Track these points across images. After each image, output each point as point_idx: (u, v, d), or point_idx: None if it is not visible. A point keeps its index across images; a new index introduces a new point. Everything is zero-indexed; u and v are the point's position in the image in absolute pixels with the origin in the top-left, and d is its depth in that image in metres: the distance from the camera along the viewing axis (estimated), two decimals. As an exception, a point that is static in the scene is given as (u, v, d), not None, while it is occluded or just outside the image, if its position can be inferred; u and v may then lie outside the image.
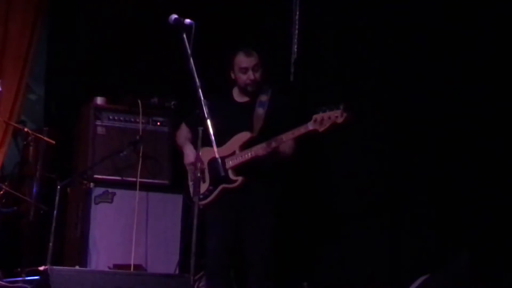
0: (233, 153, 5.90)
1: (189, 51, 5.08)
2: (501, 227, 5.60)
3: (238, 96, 6.09)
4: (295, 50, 6.92)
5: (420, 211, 6.09)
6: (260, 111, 5.97)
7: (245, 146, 5.90)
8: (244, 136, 5.92)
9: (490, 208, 5.67)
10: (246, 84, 6.00)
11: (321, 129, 5.58)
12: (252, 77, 5.97)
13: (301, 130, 5.66)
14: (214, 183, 5.97)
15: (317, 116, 5.58)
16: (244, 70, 5.98)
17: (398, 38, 6.30)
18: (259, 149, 5.81)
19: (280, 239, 6.11)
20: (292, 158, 5.90)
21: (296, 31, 6.93)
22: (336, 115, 5.51)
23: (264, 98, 6.00)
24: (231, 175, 5.91)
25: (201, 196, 6.01)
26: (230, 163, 5.90)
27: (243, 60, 6.00)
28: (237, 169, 5.89)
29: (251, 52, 6.00)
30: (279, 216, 6.03)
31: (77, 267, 6.86)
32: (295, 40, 6.92)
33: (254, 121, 5.95)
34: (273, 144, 5.77)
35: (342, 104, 5.51)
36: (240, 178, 5.89)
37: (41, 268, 6.40)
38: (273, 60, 6.82)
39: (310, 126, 5.62)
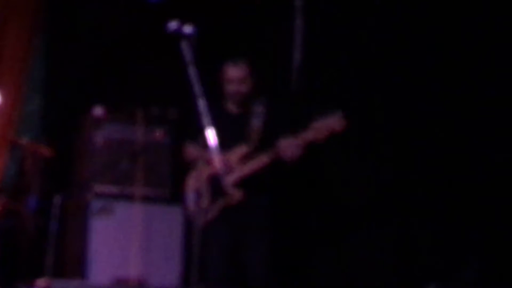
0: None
1: (189, 59, 5.02)
2: (510, 236, 5.56)
3: (230, 107, 6.02)
4: (297, 57, 6.89)
5: (428, 219, 6.06)
6: (256, 122, 5.92)
7: (243, 160, 5.82)
8: (242, 150, 5.84)
9: (499, 216, 5.63)
10: (231, 95, 5.94)
11: (320, 137, 5.54)
12: (235, 88, 5.90)
13: (300, 138, 5.61)
14: (213, 199, 5.90)
15: (316, 124, 5.54)
16: (230, 81, 5.92)
17: (400, 45, 6.28)
18: (258, 161, 5.75)
19: (282, 247, 6.07)
20: (295, 163, 5.82)
21: (298, 38, 6.89)
22: (334, 123, 5.47)
23: (259, 109, 5.96)
24: (230, 190, 5.84)
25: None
26: (229, 178, 5.82)
27: (229, 70, 5.94)
28: (237, 184, 5.81)
29: (238, 63, 5.93)
30: (279, 227, 5.96)
31: (77, 281, 6.83)
32: (297, 47, 6.89)
33: (251, 133, 5.89)
34: (274, 154, 5.71)
35: (339, 112, 5.47)
36: (239, 193, 5.82)
37: (41, 281, 6.38)
38: (275, 67, 6.80)
39: (310, 134, 5.57)
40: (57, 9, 7.96)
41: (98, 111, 7.32)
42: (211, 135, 5.08)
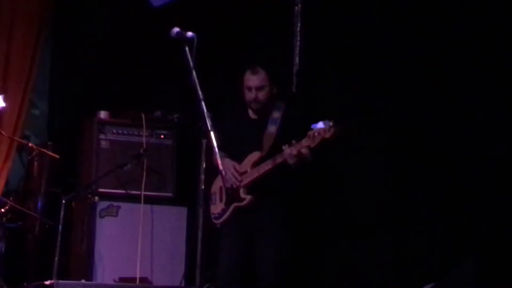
0: (245, 172, 5.92)
1: (191, 63, 5.07)
2: (506, 235, 5.59)
3: (251, 113, 6.10)
4: (297, 61, 6.93)
5: (425, 219, 6.08)
6: (271, 128, 5.97)
7: (256, 165, 5.91)
8: (255, 155, 5.92)
9: (495, 215, 5.65)
10: (250, 102, 6.02)
11: (313, 145, 5.60)
12: (253, 96, 5.97)
13: (297, 146, 5.68)
14: (228, 202, 5.98)
15: (310, 132, 5.61)
16: (249, 89, 5.99)
17: (401, 48, 6.29)
18: (264, 166, 5.83)
19: (293, 250, 6.11)
20: (300, 169, 5.89)
21: (298, 42, 6.93)
22: (324, 131, 5.54)
23: (276, 114, 6.00)
24: (242, 193, 5.91)
25: (217, 215, 6.04)
26: (241, 182, 5.91)
27: (248, 78, 5.99)
28: (249, 188, 5.90)
29: (257, 71, 5.98)
30: (291, 231, 6.02)
31: (83, 281, 6.88)
32: (297, 52, 6.93)
33: (264, 139, 5.96)
34: (278, 160, 5.78)
35: (332, 120, 5.53)
36: (248, 197, 5.89)
37: (48, 282, 6.43)
38: (275, 71, 6.82)
39: (304, 142, 5.65)
40: (63, 15, 8.01)
41: (102, 114, 7.38)
42: (213, 139, 5.13)
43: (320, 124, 5.54)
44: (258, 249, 5.92)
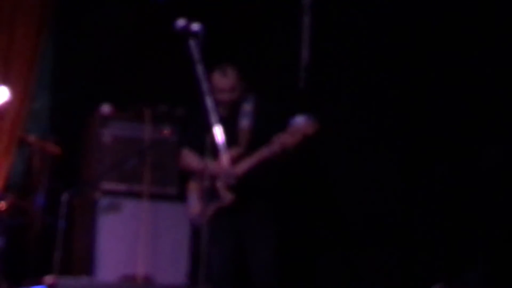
0: (225, 170, 5.82)
1: (196, 57, 5.01)
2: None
3: (220, 110, 5.98)
4: (305, 56, 6.89)
5: (434, 220, 6.05)
6: (244, 123, 5.88)
7: (235, 161, 5.80)
8: (233, 152, 5.81)
9: (505, 218, 5.62)
10: (221, 103, 5.88)
11: (295, 141, 5.54)
12: (226, 97, 5.87)
13: (279, 143, 5.60)
14: (208, 201, 5.88)
15: (291, 128, 5.54)
16: (219, 91, 5.86)
17: (409, 44, 6.27)
18: (249, 161, 5.73)
19: (286, 250, 6.06)
20: (283, 165, 5.80)
21: (307, 37, 6.89)
22: (306, 126, 5.49)
23: (248, 107, 5.92)
24: (223, 192, 5.82)
25: (196, 215, 5.97)
26: (226, 179, 5.81)
27: (218, 80, 5.87)
28: (231, 186, 5.80)
29: (227, 71, 5.87)
30: (280, 229, 5.95)
31: (84, 278, 6.84)
32: (305, 46, 6.89)
33: (240, 135, 5.87)
34: (264, 154, 5.69)
35: (311, 116, 5.48)
36: (229, 196, 5.80)
37: (48, 279, 6.38)
38: (282, 65, 6.79)
39: (285, 138, 5.58)
40: (65, 7, 7.96)
41: (105, 109, 7.33)
42: (218, 133, 5.06)
43: (300, 119, 5.49)
44: (249, 250, 5.87)
